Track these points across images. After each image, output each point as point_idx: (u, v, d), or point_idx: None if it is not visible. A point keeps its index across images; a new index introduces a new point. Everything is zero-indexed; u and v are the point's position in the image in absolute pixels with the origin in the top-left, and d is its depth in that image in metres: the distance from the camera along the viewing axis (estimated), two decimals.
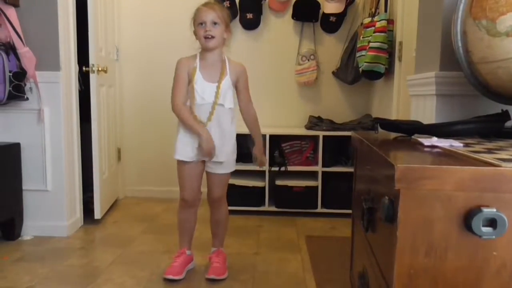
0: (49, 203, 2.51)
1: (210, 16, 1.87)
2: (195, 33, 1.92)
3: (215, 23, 1.88)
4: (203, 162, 1.99)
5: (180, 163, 1.97)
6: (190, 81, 1.94)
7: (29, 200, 2.50)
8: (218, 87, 1.93)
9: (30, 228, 2.50)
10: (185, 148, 1.94)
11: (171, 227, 2.20)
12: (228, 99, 1.95)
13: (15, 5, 2.35)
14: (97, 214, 2.73)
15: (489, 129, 1.18)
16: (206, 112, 1.93)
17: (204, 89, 1.92)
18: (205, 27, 1.87)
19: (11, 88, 2.27)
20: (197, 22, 1.90)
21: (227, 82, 1.95)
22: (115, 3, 3.25)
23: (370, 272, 1.05)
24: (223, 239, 2.14)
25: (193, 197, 2.01)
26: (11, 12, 2.32)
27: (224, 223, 2.12)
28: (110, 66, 3.03)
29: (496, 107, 1.29)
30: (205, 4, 1.93)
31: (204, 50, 1.95)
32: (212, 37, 1.88)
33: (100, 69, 2.73)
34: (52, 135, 2.48)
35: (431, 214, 0.72)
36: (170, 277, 1.95)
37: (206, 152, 1.90)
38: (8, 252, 2.28)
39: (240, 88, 2.02)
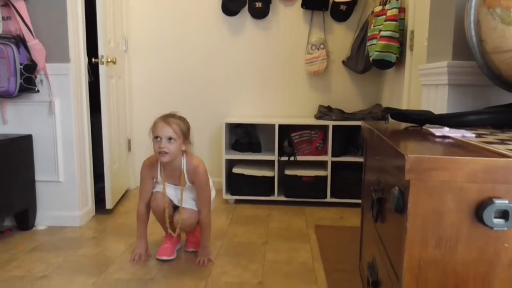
0: (62, 194, 2.55)
1: (166, 132, 1.91)
2: (152, 143, 1.97)
3: (170, 139, 1.91)
4: None
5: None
6: (155, 182, 2.10)
7: (42, 191, 2.54)
8: (181, 194, 2.06)
9: (44, 218, 2.55)
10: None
11: None
12: (192, 198, 2.10)
13: None
14: (109, 204, 2.77)
15: (502, 120, 1.16)
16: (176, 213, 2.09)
17: (171, 194, 2.07)
18: (160, 142, 1.91)
19: (22, 81, 2.29)
20: (153, 135, 1.95)
21: (188, 188, 2.07)
22: None
23: (379, 262, 1.05)
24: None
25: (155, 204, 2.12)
26: (20, 4, 2.33)
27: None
28: (119, 57, 3.04)
29: (509, 97, 1.27)
30: (163, 118, 1.95)
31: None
32: (166, 153, 1.91)
33: (109, 60, 2.74)
34: (63, 126, 2.51)
35: (442, 206, 0.71)
36: (164, 257, 2.08)
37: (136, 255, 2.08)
38: (23, 241, 2.32)
39: (197, 189, 2.07)
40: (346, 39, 3.28)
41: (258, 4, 3.26)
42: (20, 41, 2.31)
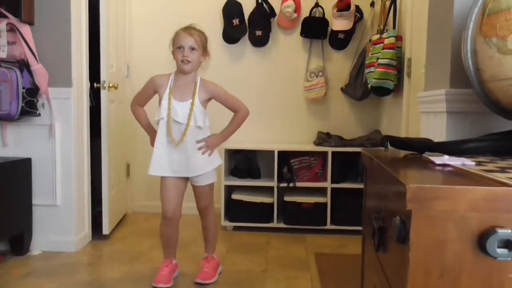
0: (58, 218, 2.52)
1: (188, 41, 1.98)
2: (173, 54, 2.02)
3: (192, 49, 1.99)
4: (186, 178, 2.09)
5: (161, 178, 2.08)
6: (160, 98, 2.06)
7: (38, 215, 2.51)
8: (190, 109, 2.02)
9: (39, 243, 2.51)
10: (160, 163, 2.04)
11: (179, 243, 2.20)
12: (201, 118, 2.04)
13: (31, 23, 2.41)
14: (106, 230, 2.74)
15: (501, 147, 1.16)
16: (179, 133, 2.02)
17: (175, 109, 2.01)
18: (183, 52, 1.98)
19: (23, 104, 2.31)
20: (176, 45, 2.01)
21: (197, 102, 2.03)
22: (127, 20, 3.31)
23: None
24: (213, 244, 2.25)
25: (172, 212, 2.08)
26: (26, 29, 2.38)
27: (212, 229, 2.23)
28: (121, 83, 3.07)
29: (508, 124, 1.27)
30: (185, 29, 2.02)
31: (180, 72, 2.04)
32: (189, 61, 1.98)
33: (110, 85, 2.77)
34: (62, 150, 2.50)
35: (444, 235, 0.70)
36: (161, 285, 2.04)
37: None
38: (17, 267, 2.28)
39: (221, 100, 2.11)
40: (344, 66, 3.33)
41: (258, 33, 3.32)
42: (23, 65, 2.34)
